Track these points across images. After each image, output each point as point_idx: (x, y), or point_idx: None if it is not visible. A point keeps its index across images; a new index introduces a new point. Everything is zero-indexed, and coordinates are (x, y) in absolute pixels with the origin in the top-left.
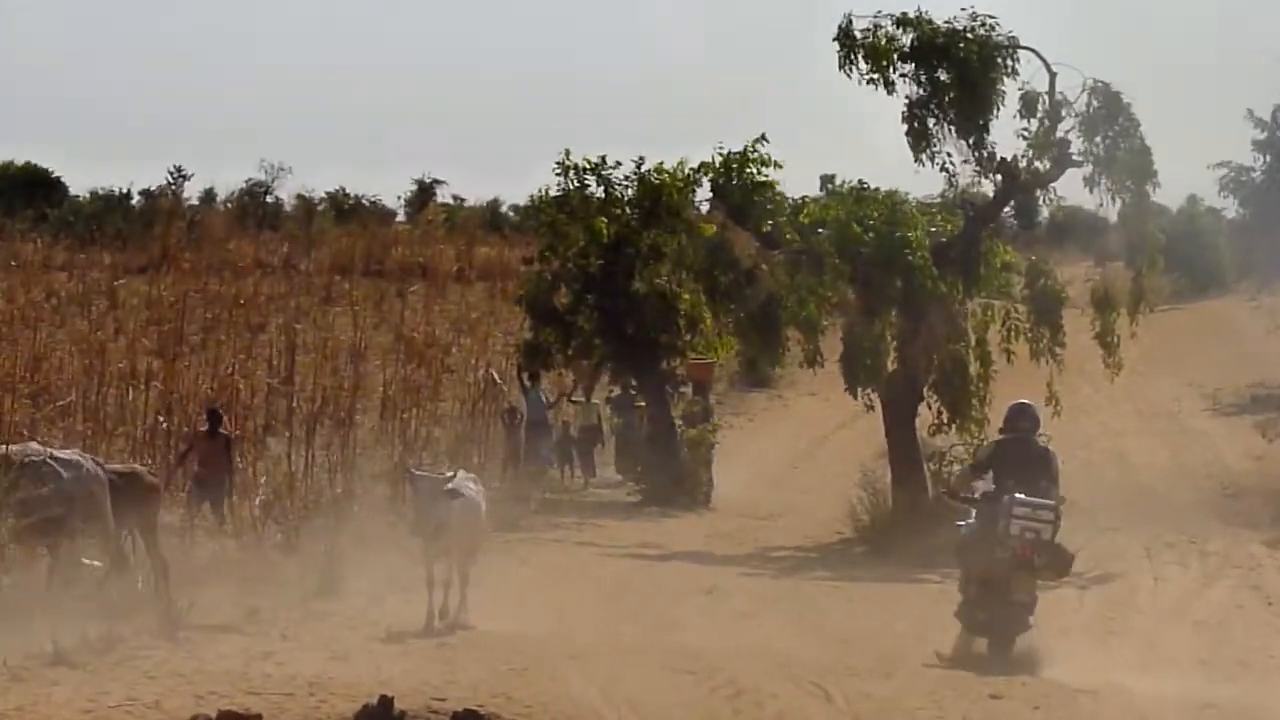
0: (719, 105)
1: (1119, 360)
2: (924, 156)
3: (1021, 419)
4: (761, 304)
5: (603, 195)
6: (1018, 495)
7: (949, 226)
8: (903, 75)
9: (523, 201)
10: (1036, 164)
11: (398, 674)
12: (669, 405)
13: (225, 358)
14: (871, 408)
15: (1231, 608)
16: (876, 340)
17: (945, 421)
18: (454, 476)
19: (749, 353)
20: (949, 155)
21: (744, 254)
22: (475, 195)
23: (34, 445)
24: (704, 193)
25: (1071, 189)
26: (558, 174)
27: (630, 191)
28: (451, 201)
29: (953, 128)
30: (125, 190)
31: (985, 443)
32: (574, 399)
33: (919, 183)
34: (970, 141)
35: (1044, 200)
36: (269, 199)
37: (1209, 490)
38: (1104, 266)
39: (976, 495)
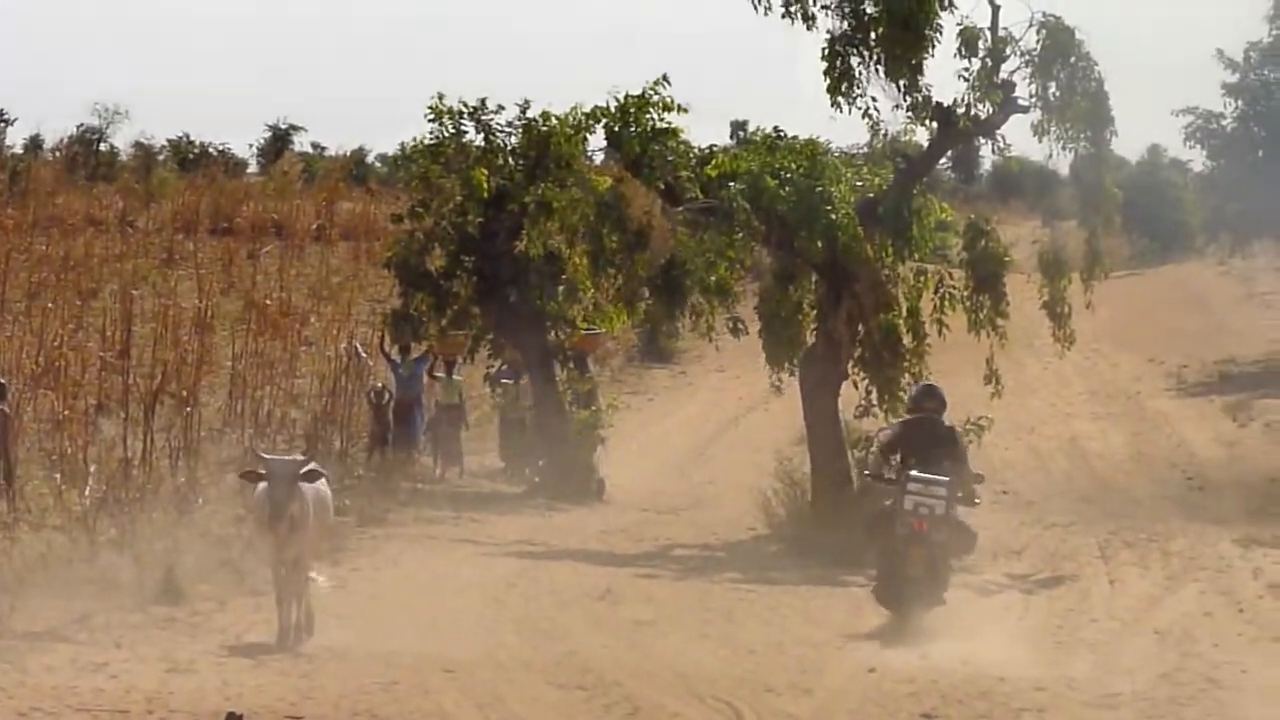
0: (614, 42)
1: (1070, 333)
2: (845, 101)
3: (928, 399)
4: (661, 267)
5: (482, 144)
6: (911, 473)
7: (877, 180)
8: (824, 7)
9: (391, 151)
10: (977, 109)
11: (247, 689)
12: (556, 383)
13: (52, 327)
14: (779, 389)
15: (1198, 615)
16: (794, 309)
17: (873, 402)
18: (309, 460)
19: (644, 322)
20: (873, 100)
21: (641, 210)
22: (337, 144)
23: None
24: (598, 141)
25: (1017, 138)
26: (430, 119)
27: (514, 140)
28: (310, 151)
29: (880, 68)
30: None
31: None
32: (435, 374)
33: (843, 131)
34: (901, 84)
35: (986, 151)
36: (102, 147)
37: (1172, 482)
38: (1053, 226)
39: (895, 476)
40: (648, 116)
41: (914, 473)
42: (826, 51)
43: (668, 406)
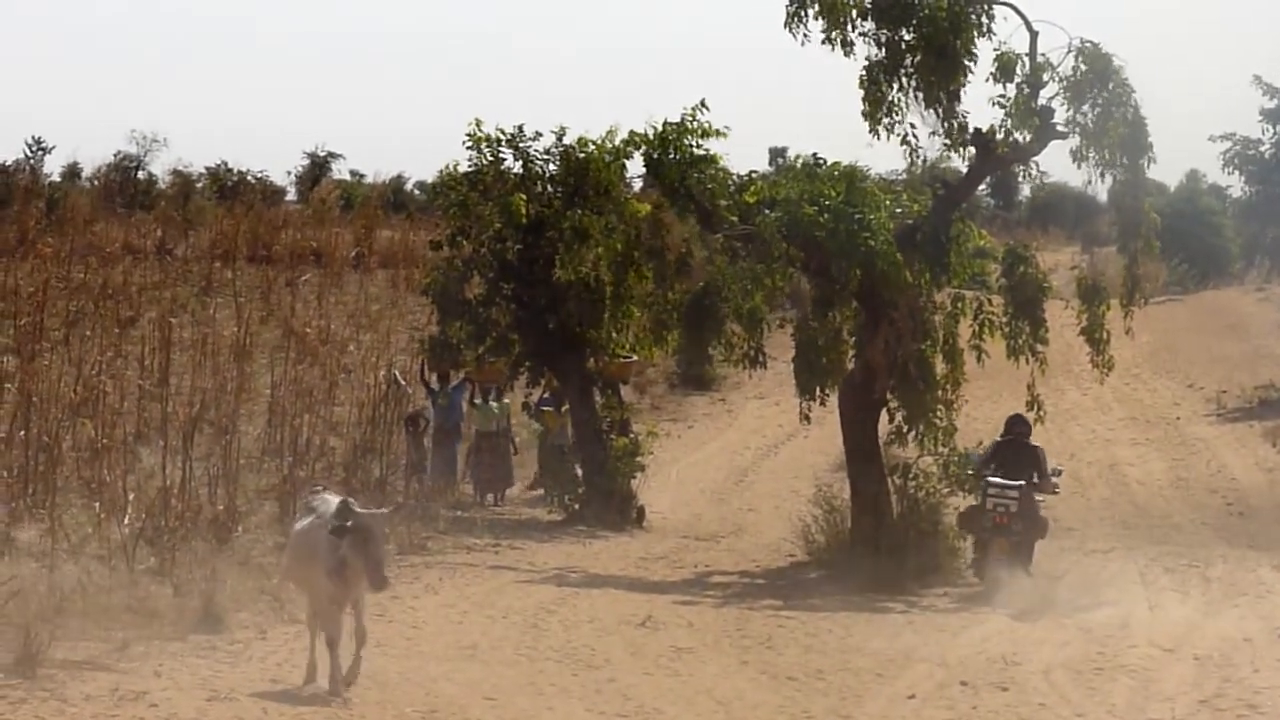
0: (654, 70)
1: (1109, 359)
2: (883, 127)
3: (1017, 425)
4: (696, 295)
5: (520, 171)
6: (990, 479)
7: (915, 207)
8: (861, 35)
9: (429, 178)
10: (1015, 136)
11: (287, 718)
12: (595, 410)
13: (91, 355)
14: (808, 419)
15: (1238, 640)
16: (833, 337)
17: (906, 430)
18: (395, 510)
19: (680, 351)
20: (912, 126)
21: (679, 238)
22: (375, 171)
23: None
24: (636, 168)
25: (1056, 164)
26: (468, 147)
27: (552, 167)
28: (349, 178)
29: (918, 94)
30: None
31: (960, 451)
32: (474, 402)
33: (881, 158)
34: (939, 110)
35: (1024, 177)
36: (140, 175)
37: (1212, 507)
38: (1092, 252)
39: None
40: (686, 143)
41: (992, 479)
42: (865, 79)
43: (707, 433)
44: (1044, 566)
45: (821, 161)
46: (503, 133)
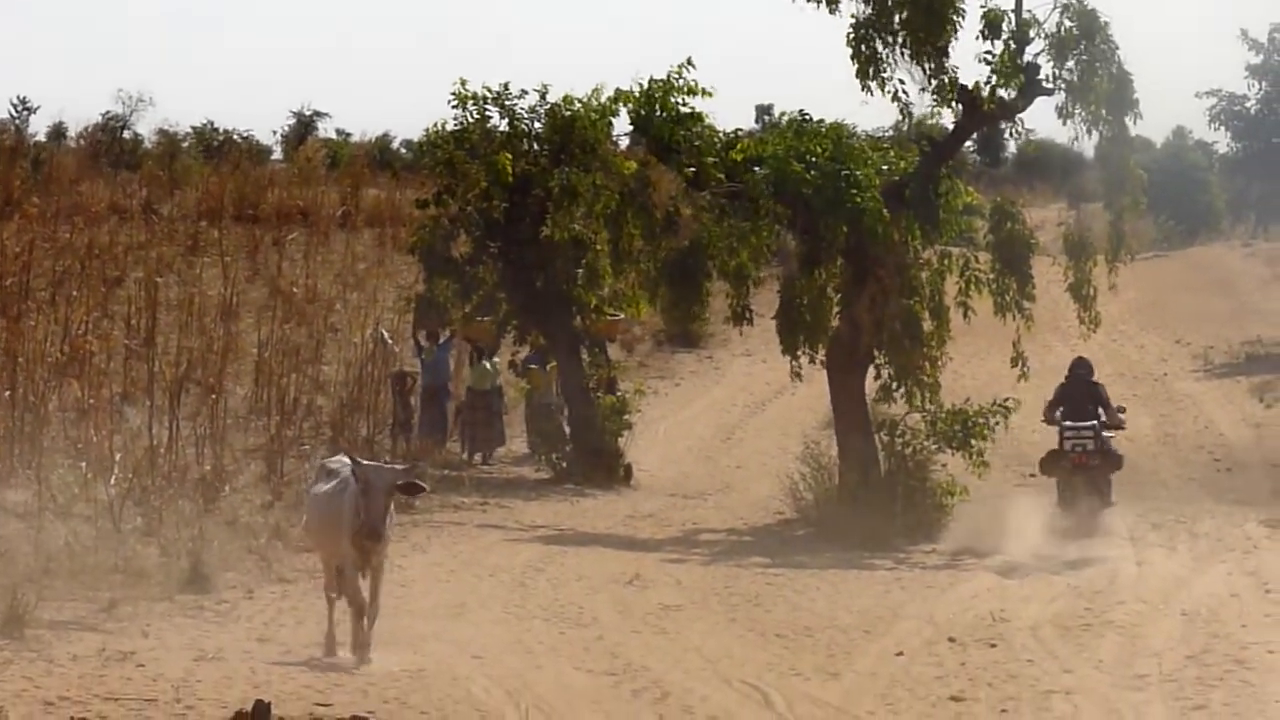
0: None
1: (1096, 315)
2: (873, 84)
3: (1079, 367)
4: (681, 253)
5: (507, 129)
6: (1065, 423)
7: (903, 164)
8: None
9: (416, 137)
10: (1001, 92)
11: (275, 677)
12: (583, 369)
13: (77, 315)
14: (799, 376)
15: (1225, 596)
16: (819, 294)
17: (894, 386)
18: (412, 469)
19: (665, 308)
20: (901, 83)
21: (666, 196)
22: (362, 130)
23: None
24: (623, 125)
25: (1042, 120)
26: (454, 105)
27: (537, 125)
28: (335, 137)
29: (906, 51)
30: None
31: (945, 409)
32: (473, 360)
33: (869, 115)
34: (926, 67)
35: (1010, 133)
36: (126, 135)
37: (1200, 463)
38: (1079, 208)
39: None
40: (673, 101)
41: (1067, 423)
42: (853, 36)
43: (694, 391)
44: (1032, 523)
45: (809, 119)
46: (489, 91)
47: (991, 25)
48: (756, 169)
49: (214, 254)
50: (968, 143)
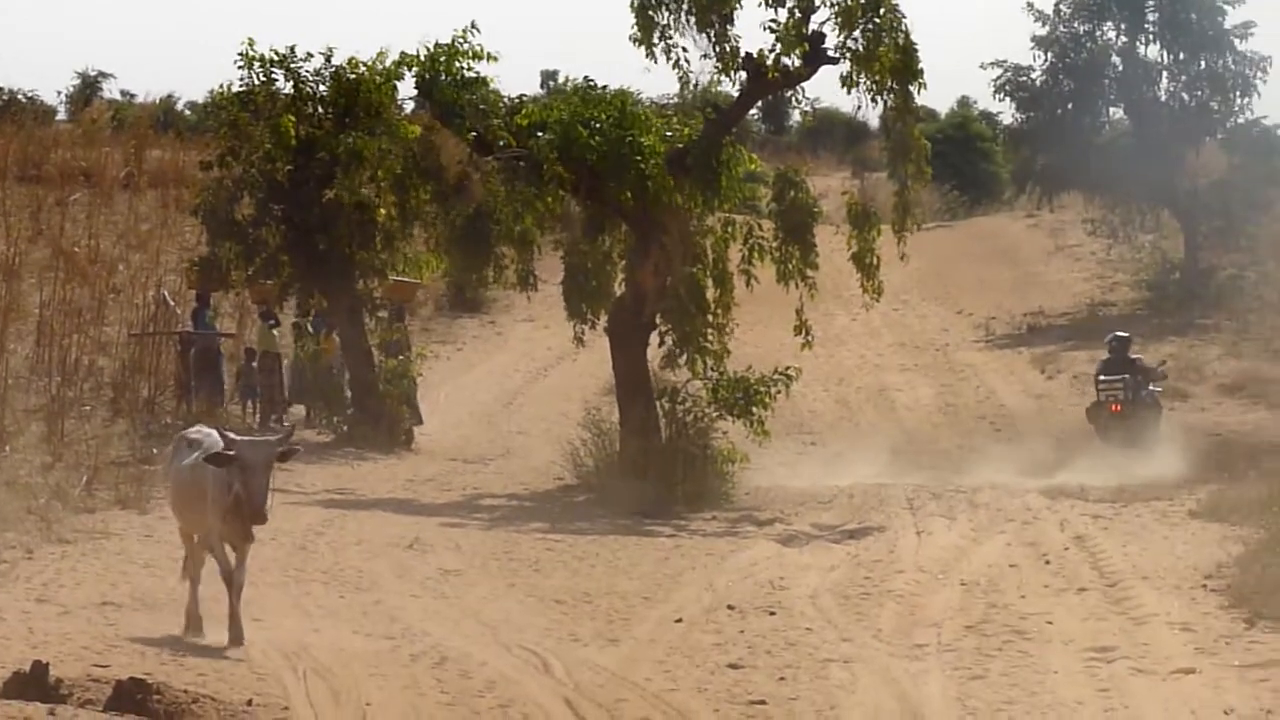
0: None
1: (879, 284)
2: (657, 50)
3: (1113, 342)
4: (469, 217)
5: (292, 92)
6: (1099, 376)
7: (686, 131)
8: None
9: (201, 98)
10: (786, 60)
11: (54, 637)
12: (364, 332)
13: None
14: (581, 342)
15: (1004, 566)
16: (602, 260)
17: (677, 354)
18: (286, 436)
19: (454, 272)
20: (684, 50)
21: (452, 160)
22: (147, 91)
23: None
24: (408, 90)
25: (826, 89)
26: (240, 66)
27: (323, 88)
28: (119, 98)
29: (690, 18)
30: None
31: (727, 377)
32: (266, 322)
33: (655, 83)
34: (710, 35)
35: (795, 102)
36: None
37: (980, 433)
38: (863, 178)
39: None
40: (458, 65)
41: (1101, 376)
42: (636, 2)
43: (477, 356)
44: (811, 492)
45: (594, 85)
46: (275, 53)
47: None
48: (541, 134)
49: None
50: (751, 111)
